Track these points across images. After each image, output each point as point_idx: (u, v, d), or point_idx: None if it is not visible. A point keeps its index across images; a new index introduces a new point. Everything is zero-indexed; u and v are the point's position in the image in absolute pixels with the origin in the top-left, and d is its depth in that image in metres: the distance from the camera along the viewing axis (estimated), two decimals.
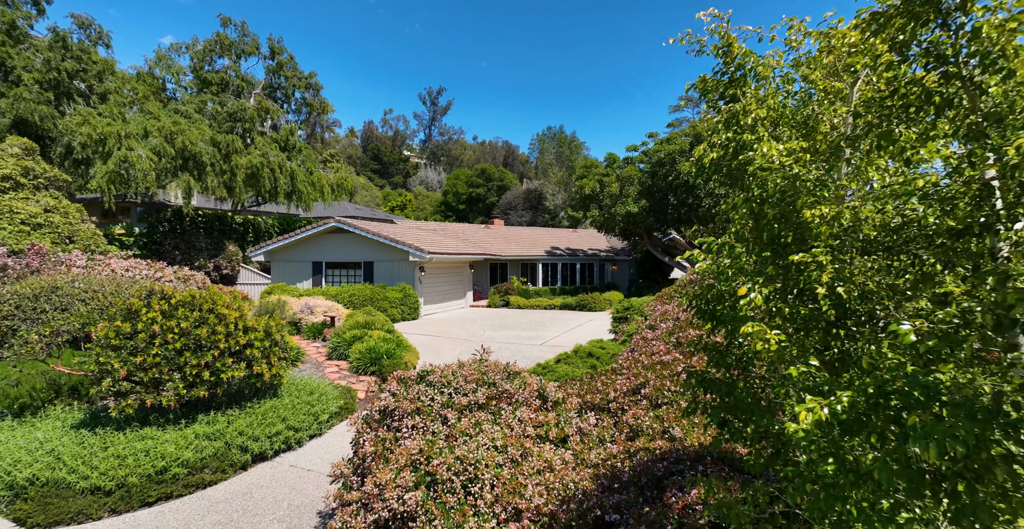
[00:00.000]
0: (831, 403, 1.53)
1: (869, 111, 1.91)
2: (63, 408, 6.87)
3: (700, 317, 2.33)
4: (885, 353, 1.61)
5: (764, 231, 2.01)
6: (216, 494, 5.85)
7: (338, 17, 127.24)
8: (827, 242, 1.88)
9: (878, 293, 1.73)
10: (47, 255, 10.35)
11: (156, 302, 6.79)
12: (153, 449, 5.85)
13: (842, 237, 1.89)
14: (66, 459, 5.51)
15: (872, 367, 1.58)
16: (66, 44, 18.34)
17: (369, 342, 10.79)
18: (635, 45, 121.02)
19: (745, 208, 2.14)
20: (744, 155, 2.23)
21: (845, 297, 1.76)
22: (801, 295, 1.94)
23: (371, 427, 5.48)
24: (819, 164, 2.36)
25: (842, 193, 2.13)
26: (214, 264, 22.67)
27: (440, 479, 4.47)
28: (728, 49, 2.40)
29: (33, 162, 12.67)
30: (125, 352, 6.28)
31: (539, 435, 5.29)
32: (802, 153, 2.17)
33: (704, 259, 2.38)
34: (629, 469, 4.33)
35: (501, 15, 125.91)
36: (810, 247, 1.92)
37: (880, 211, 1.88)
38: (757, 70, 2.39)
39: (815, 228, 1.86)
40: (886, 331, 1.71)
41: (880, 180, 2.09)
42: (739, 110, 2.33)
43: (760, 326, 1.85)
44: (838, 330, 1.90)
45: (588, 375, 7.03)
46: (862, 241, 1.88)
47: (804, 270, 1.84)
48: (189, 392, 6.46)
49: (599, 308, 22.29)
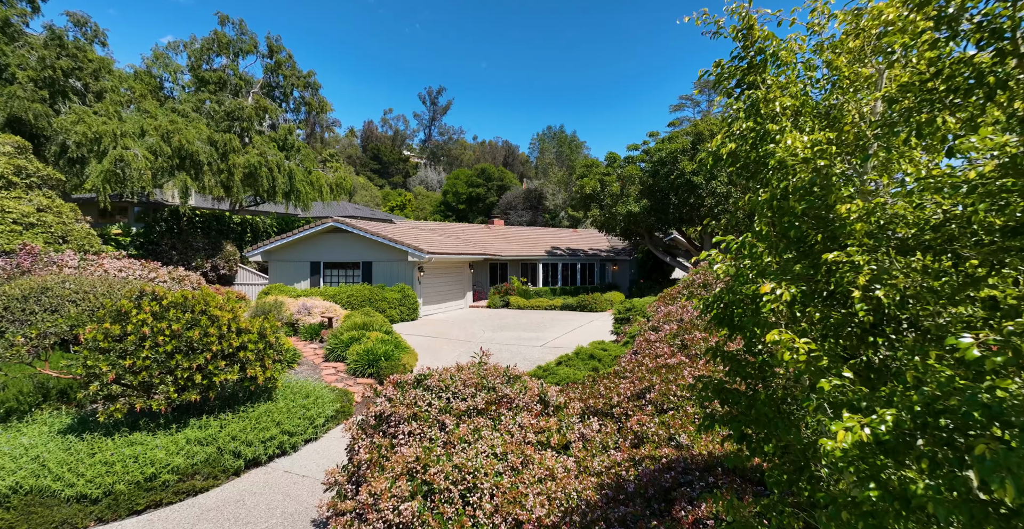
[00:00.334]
0: (873, 422, 1.35)
1: (906, 96, 1.73)
2: (51, 412, 6.68)
3: (717, 323, 2.16)
4: (931, 365, 1.43)
5: (790, 229, 1.83)
6: (207, 501, 5.68)
7: (338, 17, 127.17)
8: (861, 240, 1.70)
9: (923, 297, 1.55)
10: (39, 255, 10.17)
11: (147, 303, 6.61)
12: (142, 455, 5.67)
13: (877, 235, 1.71)
14: (51, 466, 5.33)
15: (918, 381, 1.41)
16: (62, 42, 18.14)
17: (367, 344, 10.61)
18: (635, 45, 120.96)
19: (768, 204, 1.96)
20: (765, 147, 2.05)
21: (885, 301, 1.59)
22: (830, 298, 1.77)
23: (366, 433, 5.30)
24: (844, 157, 2.18)
25: (868, 187, 1.95)
26: (211, 264, 22.49)
27: (437, 488, 4.29)
28: (748, 32, 2.22)
29: (26, 161, 12.48)
30: (114, 355, 6.10)
31: (540, 441, 5.12)
32: (828, 145, 1.99)
33: (722, 260, 2.20)
34: (634, 478, 4.15)
35: (501, 15, 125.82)
36: (843, 246, 1.74)
37: (918, 206, 1.70)
38: (779, 55, 2.21)
39: (849, 225, 1.68)
40: (936, 341, 1.53)
41: (913, 173, 1.91)
42: (760, 98, 2.15)
43: (788, 333, 1.67)
44: (875, 338, 1.72)
45: (590, 378, 6.86)
46: (899, 239, 1.71)
47: (836, 271, 1.67)
48: (180, 396, 6.28)
49: (600, 309, 22.11)
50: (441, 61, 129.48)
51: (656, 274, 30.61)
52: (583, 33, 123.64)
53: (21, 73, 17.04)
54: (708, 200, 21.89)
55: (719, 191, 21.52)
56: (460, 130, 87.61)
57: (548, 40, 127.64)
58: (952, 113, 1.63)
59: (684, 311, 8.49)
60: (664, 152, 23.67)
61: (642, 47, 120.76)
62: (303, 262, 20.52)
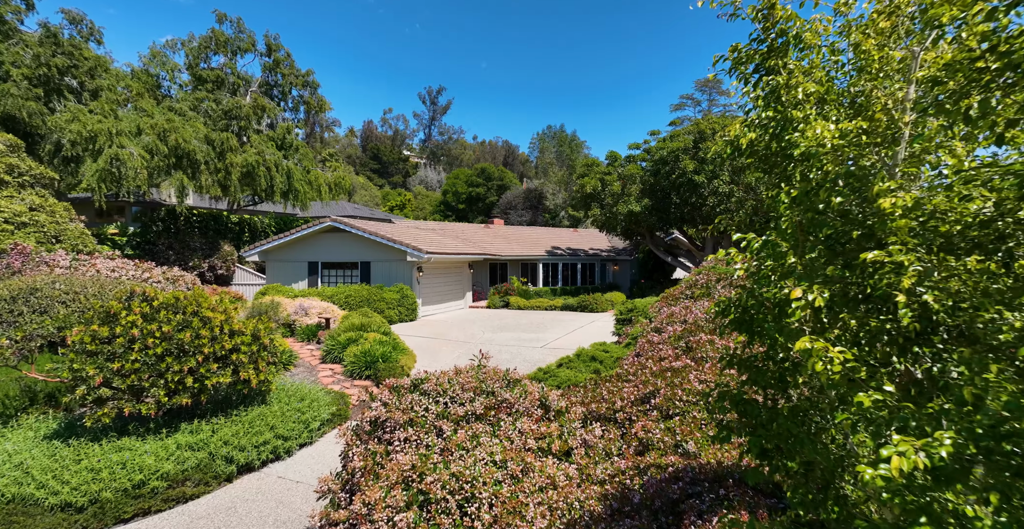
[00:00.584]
0: (929, 446, 1.17)
1: (953, 77, 1.56)
2: (38, 417, 6.50)
3: (735, 328, 1.98)
4: (990, 380, 1.25)
5: (821, 226, 1.66)
6: (198, 509, 5.51)
7: (338, 17, 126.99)
8: (904, 238, 1.52)
9: (981, 302, 1.37)
10: (30, 255, 9.99)
11: (137, 304, 6.43)
12: (130, 461, 5.49)
13: (920, 232, 1.53)
14: (35, 473, 5.15)
15: (977, 399, 1.23)
16: (57, 39, 17.93)
17: (364, 345, 10.44)
18: (635, 45, 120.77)
19: (796, 200, 1.77)
20: (789, 136, 1.87)
21: (936, 307, 1.41)
22: (866, 303, 1.59)
23: (361, 439, 5.12)
24: (873, 148, 2.00)
25: (901, 181, 1.77)
26: (209, 264, 22.30)
27: (434, 498, 4.11)
28: (769, 11, 2.04)
29: (18, 159, 12.29)
30: (101, 358, 5.92)
31: (541, 448, 4.93)
32: (860, 134, 1.81)
33: (742, 260, 2.02)
34: (639, 488, 3.97)
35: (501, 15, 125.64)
36: (881, 244, 1.57)
37: (964, 198, 1.52)
38: (803, 37, 2.03)
39: (892, 221, 1.50)
40: (993, 352, 1.35)
41: (953, 164, 1.73)
42: (781, 84, 1.97)
43: (820, 341, 1.49)
44: (920, 347, 1.54)
45: (592, 381, 6.67)
46: (943, 236, 1.52)
47: (874, 272, 1.49)
48: (171, 400, 6.10)
49: (601, 309, 21.92)
50: (441, 61, 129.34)
51: (657, 274, 30.42)
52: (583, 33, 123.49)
53: (15, 71, 16.85)
54: (710, 199, 21.70)
55: (721, 190, 21.33)
56: (460, 130, 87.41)
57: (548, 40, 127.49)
58: (1007, 94, 1.45)
59: (688, 312, 8.31)
60: (665, 151, 23.47)
61: (642, 47, 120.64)
62: (301, 262, 20.33)
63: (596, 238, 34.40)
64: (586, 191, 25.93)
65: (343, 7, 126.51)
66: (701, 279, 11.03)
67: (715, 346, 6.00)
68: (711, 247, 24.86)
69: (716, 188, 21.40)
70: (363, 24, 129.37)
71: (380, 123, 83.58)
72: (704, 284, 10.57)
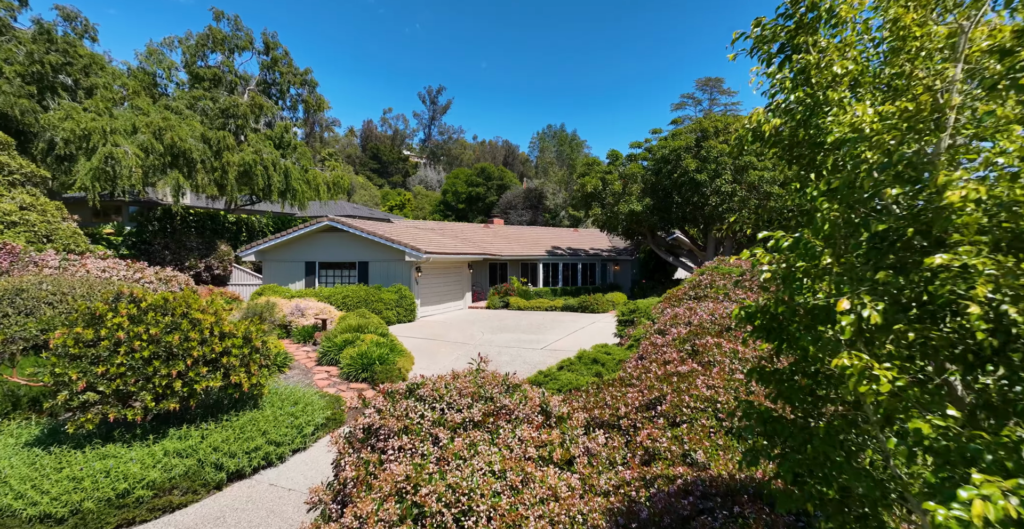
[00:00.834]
0: (1022, 488, 0.96)
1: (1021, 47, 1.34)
2: (20, 423, 6.28)
3: (763, 337, 1.76)
4: None
5: (869, 223, 1.44)
6: (185, 519, 5.29)
7: (338, 17, 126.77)
8: (972, 238, 1.30)
9: None
10: (19, 255, 9.77)
11: (124, 306, 6.21)
12: (115, 469, 5.27)
13: (989, 229, 1.32)
14: (13, 483, 4.93)
15: None
16: (51, 36, 17.70)
17: (361, 347, 10.21)
18: (636, 45, 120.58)
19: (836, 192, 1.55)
20: (821, 120, 1.66)
21: (1019, 319, 1.19)
22: (922, 313, 1.38)
23: (353, 447, 4.90)
24: (915, 135, 1.78)
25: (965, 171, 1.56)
26: (205, 264, 22.08)
27: (429, 511, 3.89)
28: None
29: (8, 157, 12.06)
30: (85, 361, 5.69)
31: (542, 456, 4.72)
32: (905, 118, 1.59)
33: (769, 261, 1.80)
34: (646, 501, 3.75)
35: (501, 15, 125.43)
36: (940, 243, 1.35)
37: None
38: (836, 9, 1.81)
39: (959, 217, 1.28)
40: None
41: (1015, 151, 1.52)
42: (812, 63, 1.76)
43: (864, 357, 1.28)
44: (995, 365, 1.32)
45: (594, 385, 6.45)
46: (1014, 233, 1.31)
47: (934, 277, 1.28)
48: (158, 405, 5.88)
49: (602, 309, 21.69)
50: (441, 61, 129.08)
51: (659, 274, 30.20)
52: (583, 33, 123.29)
53: (8, 68, 16.62)
54: (713, 199, 21.47)
55: (724, 190, 21.10)
56: (460, 129, 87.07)
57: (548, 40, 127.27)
58: None
59: (693, 314, 8.09)
60: (667, 150, 23.24)
61: (643, 47, 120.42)
62: (298, 262, 20.10)
63: (597, 238, 34.18)
64: (587, 190, 25.70)
65: (343, 6, 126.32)
66: (704, 279, 10.81)
67: (723, 350, 5.78)
68: (713, 247, 24.63)
69: (719, 187, 21.17)
70: (363, 24, 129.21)
71: (380, 123, 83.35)
72: (708, 284, 10.35)
